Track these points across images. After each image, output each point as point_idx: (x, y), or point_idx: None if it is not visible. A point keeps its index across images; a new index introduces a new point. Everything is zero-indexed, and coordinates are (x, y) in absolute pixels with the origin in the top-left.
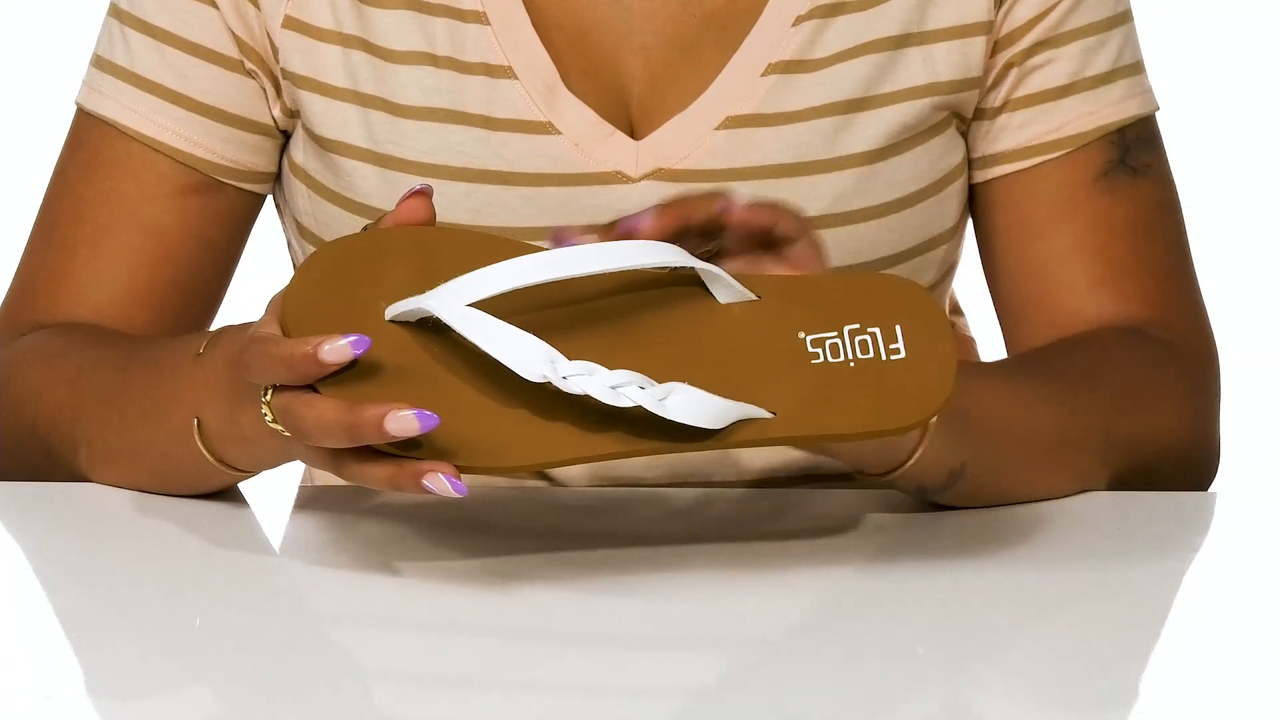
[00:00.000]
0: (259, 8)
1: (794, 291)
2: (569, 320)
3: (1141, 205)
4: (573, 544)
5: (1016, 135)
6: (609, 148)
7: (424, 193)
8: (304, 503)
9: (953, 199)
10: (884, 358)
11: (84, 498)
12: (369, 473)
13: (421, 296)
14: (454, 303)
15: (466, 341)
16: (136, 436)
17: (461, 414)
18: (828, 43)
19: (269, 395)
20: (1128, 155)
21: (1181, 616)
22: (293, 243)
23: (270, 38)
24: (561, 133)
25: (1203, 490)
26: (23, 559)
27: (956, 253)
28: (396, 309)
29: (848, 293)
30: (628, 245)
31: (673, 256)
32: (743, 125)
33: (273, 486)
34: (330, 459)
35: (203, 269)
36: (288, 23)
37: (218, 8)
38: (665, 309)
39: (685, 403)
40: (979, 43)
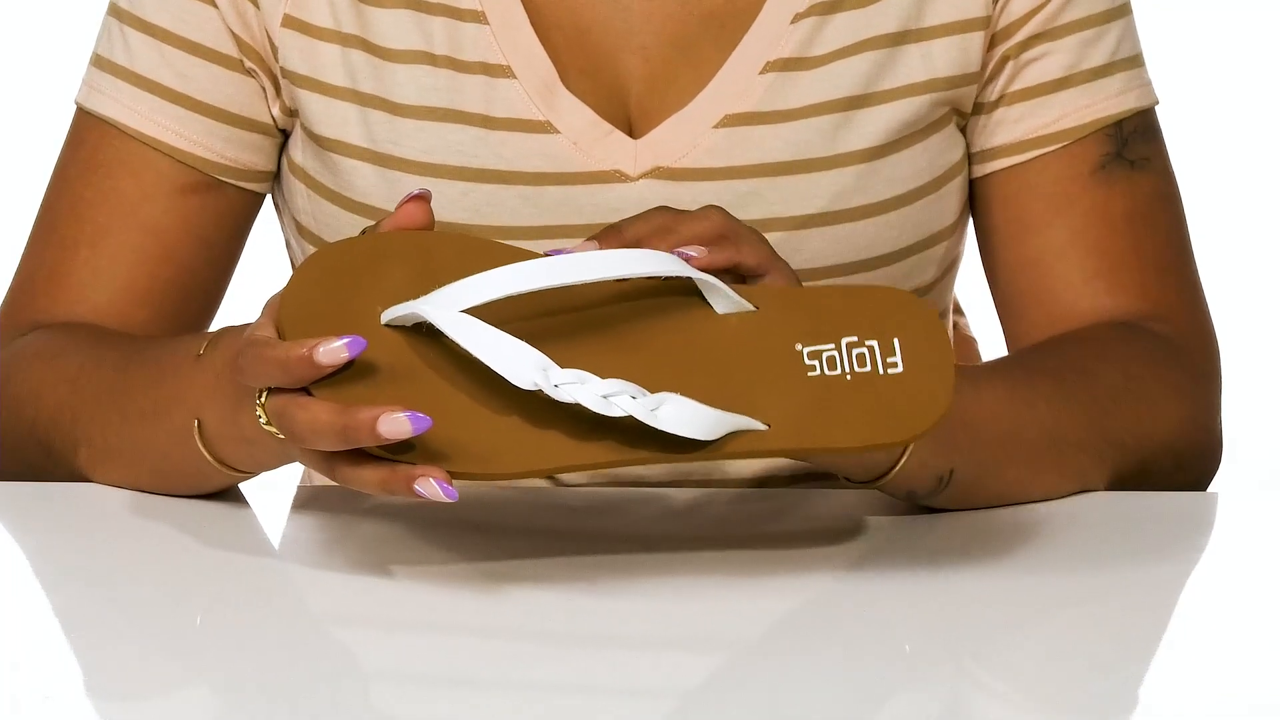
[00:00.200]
0: (258, 7)
1: (792, 303)
2: (565, 328)
3: (1139, 199)
4: (571, 544)
5: (1013, 129)
6: (607, 146)
7: (422, 197)
8: (303, 503)
9: (953, 195)
10: (881, 371)
11: (84, 498)
12: (361, 476)
13: (416, 301)
14: (448, 308)
15: (460, 348)
16: (137, 437)
17: (454, 419)
18: (826, 40)
19: (264, 397)
20: (1125, 148)
21: (1181, 617)
22: (291, 242)
23: (269, 37)
24: (560, 132)
25: (1204, 485)
26: (23, 559)
27: (958, 249)
28: (392, 313)
29: (846, 305)
30: (625, 254)
31: (670, 266)
32: (741, 123)
33: (272, 487)
34: (324, 461)
35: (202, 268)
36: (287, 22)
37: (217, 7)
38: (662, 319)
39: (677, 413)
40: (977, 37)
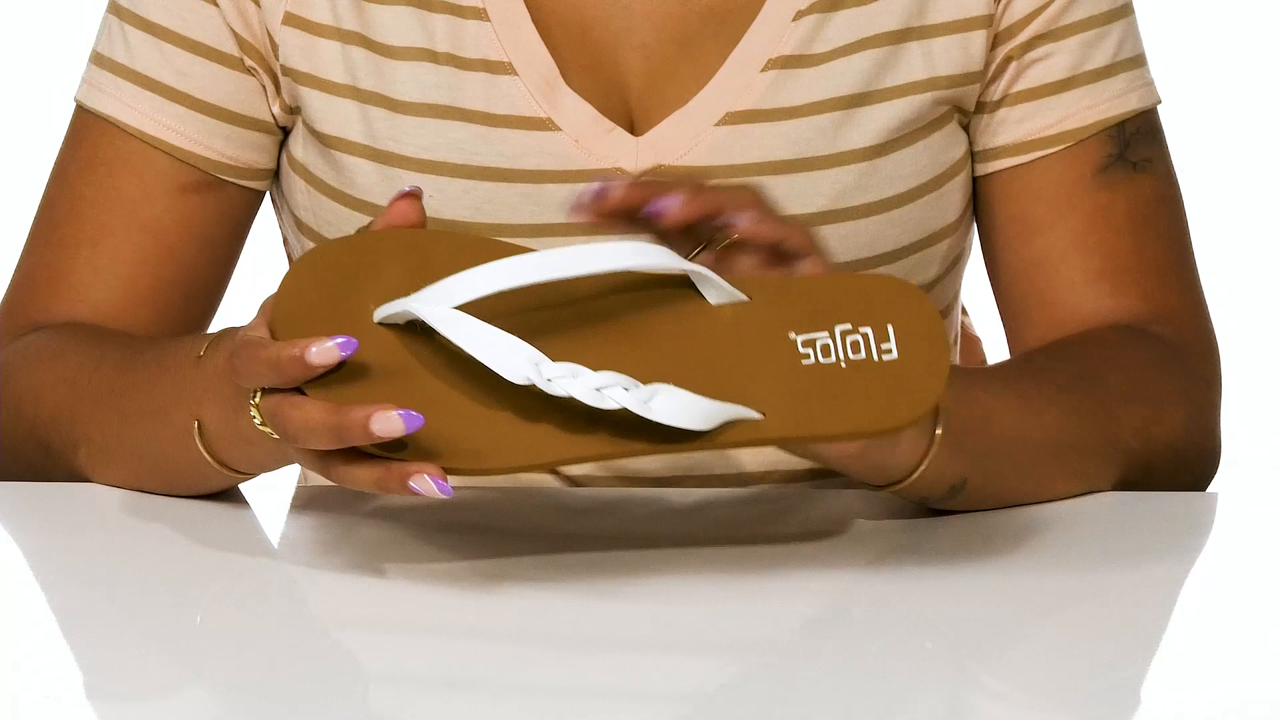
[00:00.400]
0: (259, 5)
1: (785, 292)
2: (557, 321)
3: (1141, 201)
4: (571, 545)
5: (1015, 129)
6: (608, 144)
7: (414, 195)
8: (302, 503)
9: (955, 193)
10: (876, 358)
11: (84, 498)
12: (356, 474)
13: (407, 299)
14: (439, 305)
15: (452, 344)
16: (137, 437)
17: (448, 416)
18: (828, 38)
19: (258, 398)
20: (1128, 150)
21: (1182, 617)
22: (290, 239)
23: (270, 34)
24: (561, 129)
25: (1204, 486)
26: (23, 559)
27: (961, 246)
28: (384, 311)
29: (840, 293)
30: (616, 247)
31: (661, 259)
32: (742, 121)
33: (271, 487)
34: (319, 461)
35: (203, 267)
36: (288, 19)
37: (217, 5)
38: (655, 310)
39: (670, 404)
40: (979, 36)
